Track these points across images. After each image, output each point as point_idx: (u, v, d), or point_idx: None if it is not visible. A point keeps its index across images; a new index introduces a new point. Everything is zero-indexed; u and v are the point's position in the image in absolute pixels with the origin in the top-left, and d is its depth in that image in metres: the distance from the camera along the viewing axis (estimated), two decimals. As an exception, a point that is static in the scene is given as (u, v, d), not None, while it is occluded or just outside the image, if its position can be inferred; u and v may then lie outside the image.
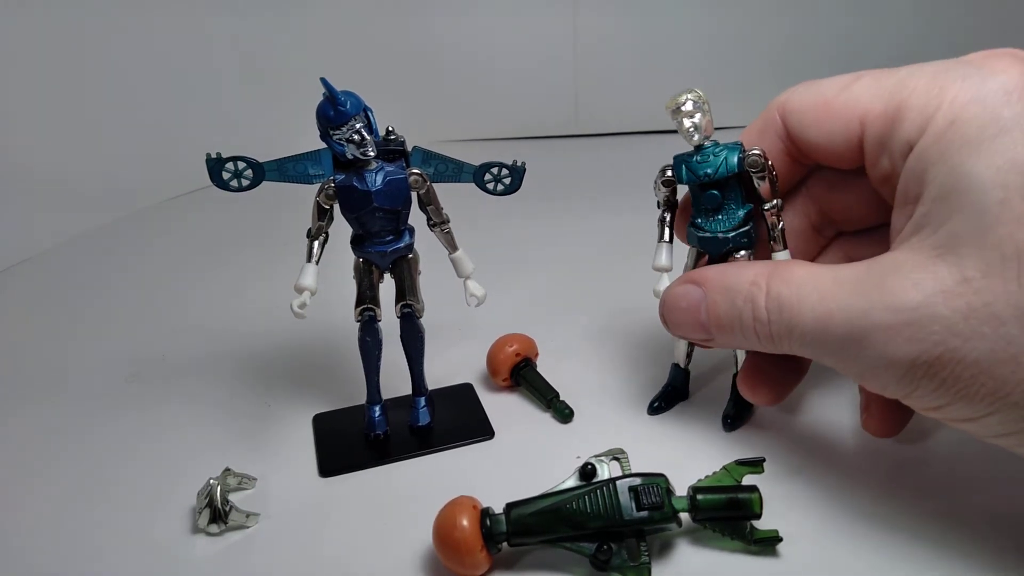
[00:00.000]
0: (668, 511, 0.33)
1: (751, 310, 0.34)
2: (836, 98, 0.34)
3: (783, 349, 0.34)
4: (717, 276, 0.36)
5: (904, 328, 0.29)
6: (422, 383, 0.43)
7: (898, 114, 0.31)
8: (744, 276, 0.35)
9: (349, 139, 0.36)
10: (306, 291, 0.38)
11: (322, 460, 0.41)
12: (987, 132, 0.28)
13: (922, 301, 0.28)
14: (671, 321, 0.38)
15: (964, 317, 0.28)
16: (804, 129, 0.36)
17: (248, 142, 0.43)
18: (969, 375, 0.28)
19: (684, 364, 0.44)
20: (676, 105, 0.37)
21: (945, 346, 0.28)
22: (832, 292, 0.31)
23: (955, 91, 0.30)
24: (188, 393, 0.47)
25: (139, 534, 0.37)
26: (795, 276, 0.33)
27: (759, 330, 0.34)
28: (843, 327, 0.31)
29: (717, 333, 0.36)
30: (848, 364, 0.32)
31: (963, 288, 0.28)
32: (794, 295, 0.32)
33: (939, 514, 0.35)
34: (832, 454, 0.39)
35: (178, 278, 0.62)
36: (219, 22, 0.74)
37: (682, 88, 0.38)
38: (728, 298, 0.35)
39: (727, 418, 0.42)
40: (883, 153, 0.33)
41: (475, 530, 0.32)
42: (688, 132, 0.37)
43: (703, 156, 0.37)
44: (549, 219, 0.68)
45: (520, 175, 0.40)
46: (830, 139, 0.35)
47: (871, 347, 0.30)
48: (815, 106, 0.35)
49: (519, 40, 0.83)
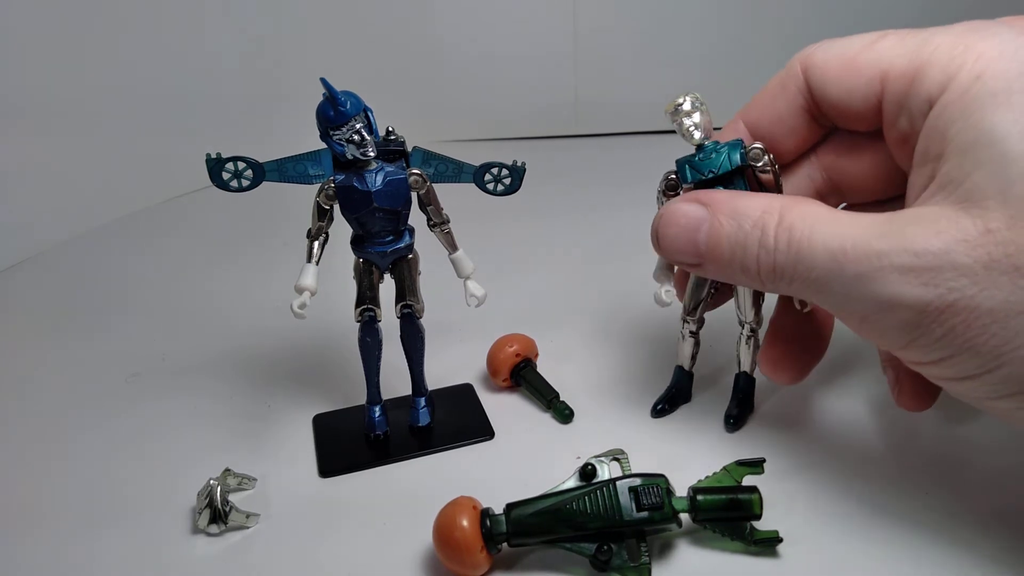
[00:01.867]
0: (668, 512, 0.33)
1: (758, 237, 0.33)
2: (859, 55, 0.34)
3: (781, 286, 0.33)
4: (727, 199, 0.35)
5: (923, 272, 0.28)
6: (422, 383, 0.43)
7: (920, 71, 0.31)
8: (757, 203, 0.34)
9: (349, 139, 0.36)
10: (306, 291, 0.38)
11: (322, 460, 0.41)
12: (1015, 86, 0.28)
13: (943, 248, 0.28)
14: (663, 237, 0.36)
15: (984, 267, 0.27)
16: (825, 85, 0.35)
17: (248, 142, 0.43)
18: (980, 324, 0.28)
19: (688, 366, 0.43)
20: (675, 106, 0.37)
21: (961, 293, 0.28)
22: (849, 230, 0.30)
23: (982, 48, 0.29)
24: (188, 393, 0.47)
25: (139, 534, 0.37)
26: (811, 210, 0.32)
27: (762, 260, 0.33)
28: (857, 265, 0.30)
29: (711, 259, 0.35)
30: (852, 305, 0.31)
31: (986, 239, 0.27)
32: (808, 227, 0.31)
33: (939, 514, 0.35)
34: (832, 455, 0.39)
35: (178, 278, 0.62)
36: (219, 22, 0.74)
37: (679, 91, 0.37)
38: (736, 222, 0.34)
39: (729, 418, 0.42)
40: (902, 112, 0.32)
41: (475, 530, 0.32)
42: (689, 131, 0.37)
43: (705, 154, 0.37)
44: (549, 219, 0.68)
45: (520, 175, 0.40)
46: (850, 96, 0.34)
47: (884, 288, 0.29)
48: (838, 62, 0.34)
49: (519, 40, 0.83)
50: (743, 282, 0.35)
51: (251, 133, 0.61)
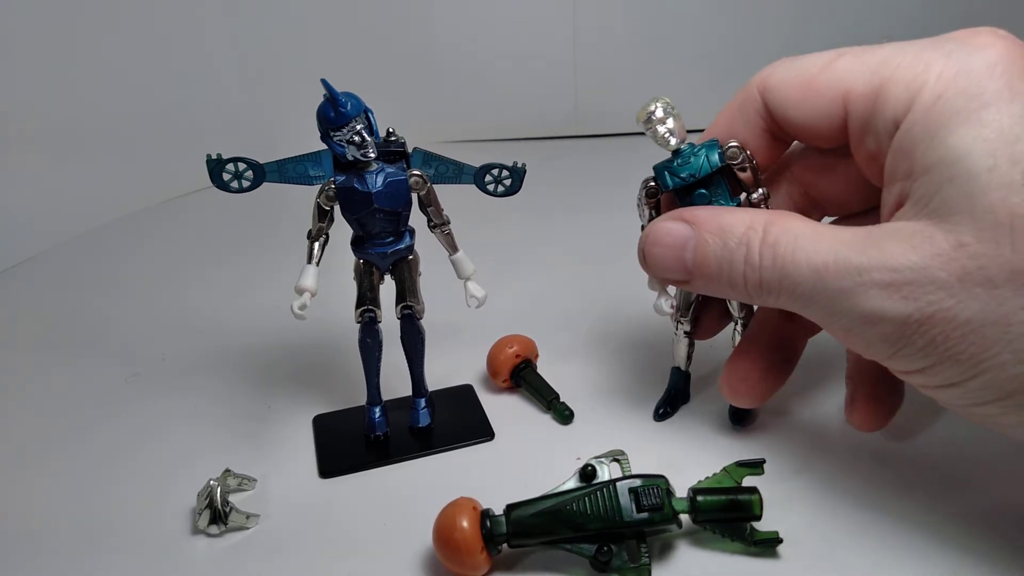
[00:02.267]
0: (668, 512, 0.33)
1: (744, 254, 0.33)
2: (818, 76, 0.34)
3: (767, 299, 0.33)
4: (711, 216, 0.35)
5: (901, 287, 0.29)
6: (422, 384, 0.43)
7: (882, 92, 0.31)
8: (740, 219, 0.34)
9: (350, 140, 0.36)
10: (306, 292, 0.38)
11: (322, 461, 0.41)
12: (973, 104, 0.29)
13: (918, 263, 0.29)
14: (651, 256, 0.36)
15: (959, 279, 0.28)
16: (785, 108, 0.35)
17: (248, 142, 0.43)
18: (959, 334, 0.28)
19: (685, 366, 0.43)
20: (647, 115, 0.37)
21: (939, 305, 0.29)
22: (830, 245, 0.31)
23: (940, 67, 0.30)
24: (188, 393, 0.47)
25: (139, 534, 0.37)
26: (793, 226, 0.33)
27: (748, 276, 0.33)
28: (839, 280, 0.30)
29: (699, 276, 0.35)
30: (836, 318, 0.31)
31: (958, 252, 0.28)
32: (791, 243, 0.32)
33: (939, 514, 0.35)
34: (832, 455, 0.39)
35: (178, 278, 0.62)
36: (219, 22, 0.74)
37: (649, 98, 0.37)
38: (721, 239, 0.34)
39: (735, 415, 0.42)
40: (868, 133, 0.32)
41: (475, 531, 0.33)
42: (663, 138, 0.37)
43: (683, 159, 0.37)
44: (549, 220, 0.68)
45: (520, 177, 0.40)
46: (813, 118, 0.34)
47: (865, 303, 0.30)
48: (798, 83, 0.35)
49: (519, 40, 0.83)
50: (732, 296, 0.35)
51: (251, 134, 0.61)
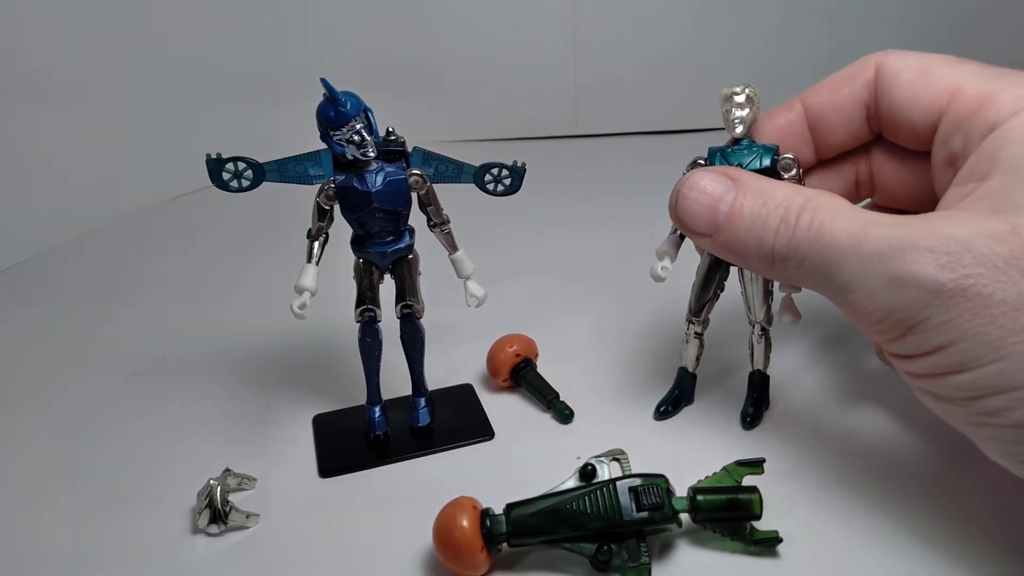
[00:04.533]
0: (668, 512, 0.33)
1: (781, 213, 0.33)
2: (936, 68, 0.35)
3: (790, 265, 0.33)
4: (754, 179, 0.35)
5: (943, 255, 0.29)
6: (422, 383, 0.43)
7: (992, 98, 0.32)
8: (784, 188, 0.34)
9: (349, 140, 0.36)
10: (306, 292, 0.38)
11: (322, 460, 0.41)
12: None
13: (966, 237, 0.29)
14: (684, 200, 0.35)
15: (1005, 261, 0.28)
16: (894, 86, 0.36)
17: (248, 142, 0.43)
18: (989, 313, 0.28)
19: (692, 368, 0.43)
20: (730, 93, 0.38)
21: (977, 279, 0.28)
22: (873, 218, 0.31)
23: None
24: (188, 393, 0.47)
25: (139, 534, 0.37)
26: (836, 202, 0.33)
27: (781, 232, 0.33)
28: (877, 243, 0.30)
29: (727, 230, 0.34)
30: (861, 281, 0.31)
31: (1012, 237, 0.28)
32: (833, 212, 0.32)
33: (940, 514, 0.35)
34: (832, 455, 0.39)
35: (178, 278, 0.62)
36: (219, 22, 0.74)
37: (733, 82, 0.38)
38: (761, 199, 0.34)
39: (746, 416, 0.42)
40: (958, 132, 0.33)
41: (475, 530, 0.32)
42: (733, 122, 0.38)
43: (739, 148, 0.38)
44: (549, 219, 0.68)
45: (520, 176, 0.40)
46: (914, 103, 0.35)
47: (901, 265, 0.29)
48: (915, 68, 0.35)
49: (519, 40, 0.83)
50: (752, 259, 0.35)
51: (251, 133, 0.61)
